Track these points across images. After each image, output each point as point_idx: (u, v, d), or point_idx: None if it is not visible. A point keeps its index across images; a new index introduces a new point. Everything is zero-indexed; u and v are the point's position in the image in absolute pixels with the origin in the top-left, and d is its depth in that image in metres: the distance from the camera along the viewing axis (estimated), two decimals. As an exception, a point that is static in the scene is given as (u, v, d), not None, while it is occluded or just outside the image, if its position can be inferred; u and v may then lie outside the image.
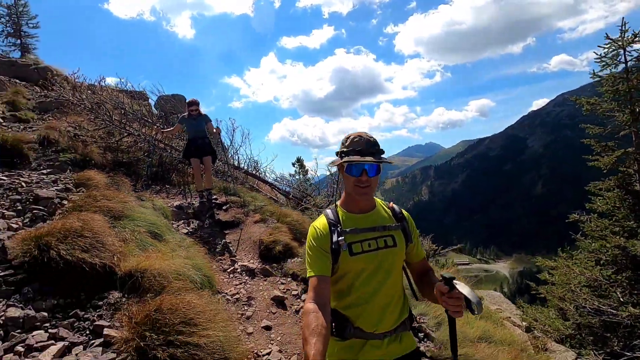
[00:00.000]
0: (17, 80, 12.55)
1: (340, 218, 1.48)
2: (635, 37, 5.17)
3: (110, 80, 14.96)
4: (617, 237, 4.88)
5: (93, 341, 2.43)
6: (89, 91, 11.14)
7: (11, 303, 2.56)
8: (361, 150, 1.40)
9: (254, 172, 9.54)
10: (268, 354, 2.91)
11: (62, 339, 2.39)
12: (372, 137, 1.45)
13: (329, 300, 1.35)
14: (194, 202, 6.50)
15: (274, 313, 3.52)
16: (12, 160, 5.78)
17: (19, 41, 18.38)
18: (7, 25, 17.98)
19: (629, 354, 4.56)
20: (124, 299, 2.86)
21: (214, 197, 6.64)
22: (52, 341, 2.34)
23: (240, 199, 6.68)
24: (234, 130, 9.89)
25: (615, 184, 5.19)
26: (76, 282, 2.88)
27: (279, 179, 10.48)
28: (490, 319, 5.01)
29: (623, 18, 5.67)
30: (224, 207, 6.36)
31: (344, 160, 1.40)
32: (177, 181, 7.89)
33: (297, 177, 13.35)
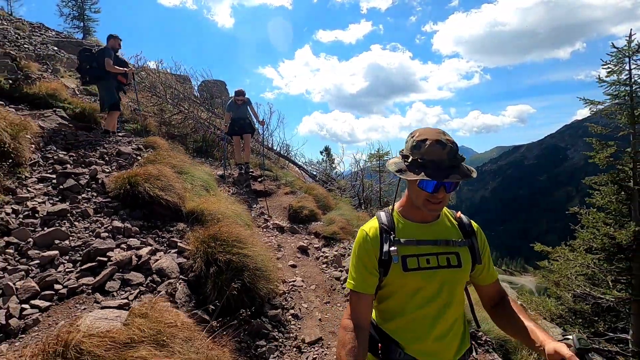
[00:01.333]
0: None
1: (396, 225, 1.26)
2: (639, 47, 5.51)
3: (152, 64, 16.38)
4: (608, 227, 5.28)
5: (170, 250, 3.34)
6: (143, 72, 12.44)
7: (114, 219, 3.52)
8: (442, 162, 1.11)
9: (285, 154, 10.43)
10: (293, 281, 3.72)
11: (150, 244, 3.31)
12: (452, 142, 1.14)
13: (369, 320, 1.23)
14: (233, 174, 7.44)
15: (298, 257, 4.34)
16: (89, 125, 6.93)
17: (82, 24, 20.25)
18: (73, 9, 19.86)
19: (611, 334, 5.01)
20: (187, 229, 3.76)
21: (251, 170, 7.56)
22: (143, 246, 3.27)
23: (273, 174, 7.57)
24: (270, 115, 10.79)
25: (609, 179, 5.57)
26: (155, 212, 3.82)
27: (307, 163, 11.31)
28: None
29: (631, 29, 5.93)
30: (259, 179, 7.26)
31: (420, 177, 1.10)
32: (218, 155, 8.89)
33: (324, 164, 14.12)
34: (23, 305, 2.39)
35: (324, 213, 5.75)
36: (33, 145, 4.51)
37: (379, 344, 1.27)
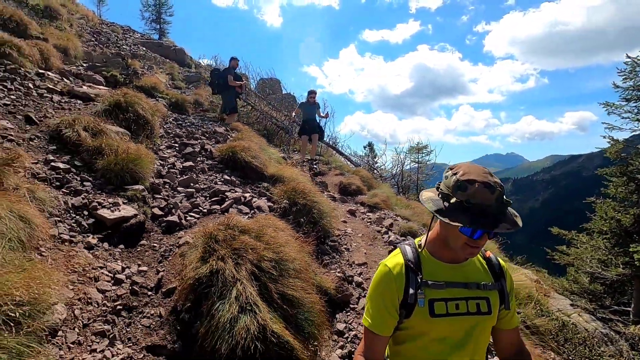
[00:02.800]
0: (162, 57, 16.37)
1: (422, 263, 1.16)
2: None
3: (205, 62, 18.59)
4: (616, 212, 5.90)
5: (261, 197, 4.76)
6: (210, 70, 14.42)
7: (224, 174, 5.02)
8: (490, 207, 0.99)
9: (333, 145, 11.75)
10: (345, 230, 4.99)
11: (248, 192, 4.75)
12: (501, 185, 1.03)
13: (383, 359, 1.18)
14: (291, 156, 8.86)
15: (348, 217, 5.60)
16: (183, 111, 8.70)
17: (158, 26, 23.04)
18: (152, 13, 22.68)
19: (615, 307, 5.67)
20: (270, 186, 5.17)
21: (316, 162, 8.87)
22: (243, 194, 4.71)
23: (324, 159, 8.89)
24: (325, 107, 12.15)
25: (619, 171, 6.16)
26: (248, 173, 5.28)
27: (352, 154, 12.55)
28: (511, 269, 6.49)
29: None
30: (314, 163, 8.62)
31: (466, 225, 0.98)
32: (277, 142, 10.41)
33: (366, 158, 15.27)
34: (185, 215, 3.89)
35: (368, 190, 6.96)
36: (159, 122, 6.20)
37: None
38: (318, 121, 8.46)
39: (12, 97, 5.01)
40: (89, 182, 3.77)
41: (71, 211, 3.27)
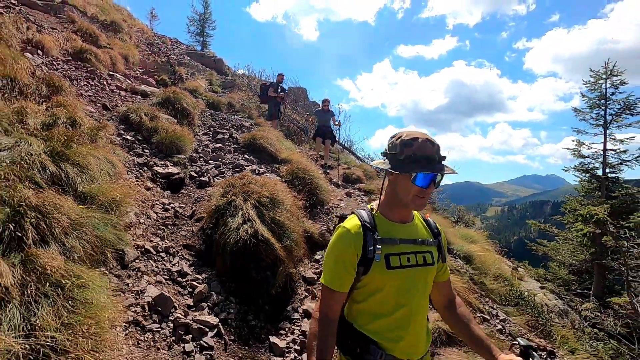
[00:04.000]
0: (204, 66, 18.40)
1: (377, 224, 1.27)
2: (611, 72, 6.71)
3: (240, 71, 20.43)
4: (582, 206, 6.57)
5: (272, 173, 6.04)
6: (244, 78, 16.17)
7: (245, 155, 6.37)
8: (432, 157, 1.17)
9: (349, 147, 12.93)
10: (339, 204, 6.14)
11: (262, 168, 6.05)
12: (436, 141, 1.20)
13: (339, 314, 1.28)
14: (306, 151, 10.13)
15: (344, 197, 6.73)
16: (216, 110, 10.26)
17: (201, 39, 25.54)
18: (197, 27, 25.24)
19: (579, 290, 6.32)
20: (281, 166, 6.44)
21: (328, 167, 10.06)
22: (258, 168, 6.00)
23: (336, 156, 10.10)
24: (340, 113, 13.42)
25: (582, 169, 6.84)
26: (264, 156, 6.60)
27: (366, 157, 13.65)
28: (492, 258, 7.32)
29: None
30: (326, 168, 9.85)
31: (416, 171, 1.15)
32: (297, 141, 11.74)
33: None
34: (213, 178, 5.23)
35: (368, 178, 8.07)
36: (198, 115, 7.71)
37: (357, 349, 1.26)
38: (332, 128, 9.62)
39: (93, 90, 6.67)
40: (147, 149, 5.23)
41: (137, 166, 4.70)
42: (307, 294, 3.72)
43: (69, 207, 2.71)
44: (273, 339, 3.00)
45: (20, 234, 2.29)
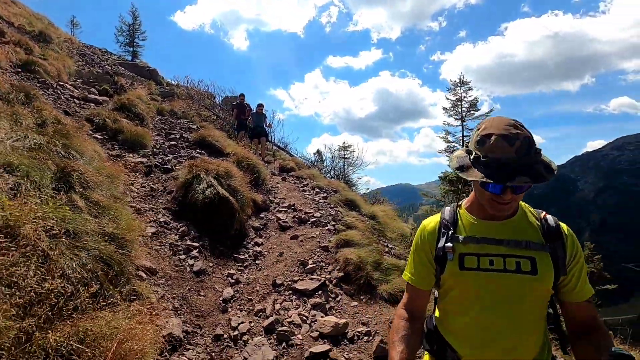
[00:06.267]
0: (138, 76, 18.81)
1: (460, 221, 1.17)
2: (462, 82, 9.77)
3: (189, 82, 21.16)
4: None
5: (221, 161, 7.52)
6: (182, 87, 17.15)
7: (197, 151, 7.74)
8: (509, 160, 0.96)
9: (284, 147, 14.71)
10: (277, 184, 7.81)
11: (213, 159, 7.50)
12: (525, 135, 0.98)
13: (424, 311, 1.23)
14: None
15: (280, 181, 8.41)
16: (162, 116, 11.30)
17: (131, 48, 25.43)
18: (126, 37, 25.11)
19: None
20: (228, 157, 7.92)
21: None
22: (210, 158, 7.44)
23: (272, 154, 11.79)
24: (273, 117, 15.15)
25: (443, 177, 9.70)
26: (212, 150, 8.03)
27: (299, 156, 15.53)
28: (395, 222, 9.55)
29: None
30: (264, 158, 11.47)
31: (479, 178, 0.99)
32: (236, 140, 13.17)
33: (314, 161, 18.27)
34: (174, 165, 6.57)
35: (299, 169, 9.88)
36: (150, 119, 8.84)
37: (435, 346, 1.21)
38: (264, 128, 11.38)
39: (52, 98, 7.51)
40: (117, 145, 6.41)
41: (112, 157, 5.89)
42: (255, 235, 5.35)
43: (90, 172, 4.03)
44: (236, 255, 4.59)
45: (69, 185, 3.59)
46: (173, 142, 7.82)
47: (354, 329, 3.38)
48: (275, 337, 3.19)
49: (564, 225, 1.14)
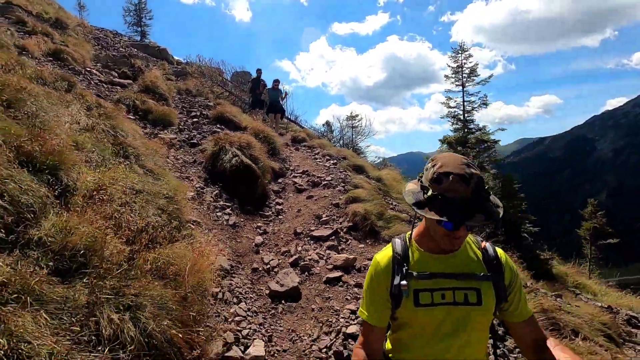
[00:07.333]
0: (150, 56, 19.36)
1: (410, 255, 1.20)
2: (462, 49, 10.05)
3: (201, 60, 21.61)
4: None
5: (238, 133, 8.30)
6: (193, 66, 17.71)
7: (217, 126, 8.52)
8: (465, 200, 1.01)
9: (294, 119, 15.35)
10: (290, 154, 8.58)
11: (232, 133, 8.29)
12: (478, 175, 1.04)
13: (380, 351, 1.25)
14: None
15: (294, 151, 9.17)
16: (179, 95, 12.02)
17: (139, 28, 25.75)
18: (134, 17, 25.38)
19: None
20: (244, 131, 8.68)
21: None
22: (229, 131, 8.22)
23: (285, 126, 12.48)
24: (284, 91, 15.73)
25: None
26: (230, 125, 8.79)
27: (309, 127, 16.18)
28: (401, 184, 10.29)
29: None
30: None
31: (440, 218, 1.02)
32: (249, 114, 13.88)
33: (323, 131, 18.91)
34: (200, 140, 7.38)
35: (310, 139, 10.60)
36: (172, 98, 9.59)
37: None
38: (281, 105, 11.96)
39: (84, 84, 8.29)
40: (148, 124, 7.22)
41: (146, 134, 6.72)
42: (275, 197, 6.21)
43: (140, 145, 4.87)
44: (261, 212, 5.47)
45: (126, 157, 4.43)
46: (195, 119, 8.60)
47: (361, 262, 4.24)
48: (299, 268, 4.10)
49: (501, 253, 1.23)
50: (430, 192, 1.05)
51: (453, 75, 11.45)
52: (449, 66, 11.45)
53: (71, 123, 5.15)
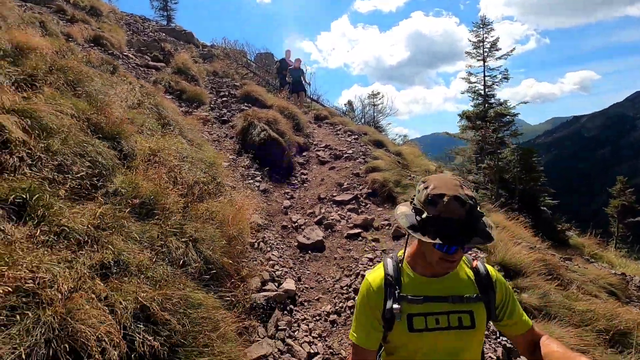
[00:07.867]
0: (177, 40, 20.03)
1: (403, 278, 1.18)
2: (484, 23, 9.85)
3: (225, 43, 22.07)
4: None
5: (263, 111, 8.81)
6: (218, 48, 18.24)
7: (244, 104, 9.06)
8: (461, 221, 1.00)
9: (316, 99, 15.69)
10: (314, 129, 9.03)
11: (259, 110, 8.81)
12: (472, 196, 1.03)
13: None
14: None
15: (317, 128, 9.61)
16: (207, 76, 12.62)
17: (165, 13, 26.50)
18: (160, 1, 26.10)
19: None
20: (270, 109, 9.18)
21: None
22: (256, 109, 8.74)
23: (307, 105, 12.89)
24: (306, 71, 16.04)
25: None
26: (256, 103, 9.31)
27: (332, 107, 16.48)
28: (420, 159, 10.56)
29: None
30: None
31: (436, 241, 1.01)
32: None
33: (345, 110, 19.16)
34: (230, 117, 7.95)
35: (332, 117, 10.98)
36: (202, 80, 10.18)
37: None
38: (302, 82, 12.32)
39: (123, 68, 8.99)
40: (184, 103, 7.85)
41: (182, 113, 7.34)
42: (300, 168, 6.73)
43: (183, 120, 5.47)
44: (288, 181, 6.01)
45: (170, 130, 5.03)
46: (224, 99, 9.17)
47: (379, 222, 4.72)
48: (323, 226, 4.63)
49: (492, 271, 1.22)
50: (425, 215, 1.04)
51: (474, 50, 11.31)
52: (470, 41, 11.33)
53: (121, 100, 5.82)
